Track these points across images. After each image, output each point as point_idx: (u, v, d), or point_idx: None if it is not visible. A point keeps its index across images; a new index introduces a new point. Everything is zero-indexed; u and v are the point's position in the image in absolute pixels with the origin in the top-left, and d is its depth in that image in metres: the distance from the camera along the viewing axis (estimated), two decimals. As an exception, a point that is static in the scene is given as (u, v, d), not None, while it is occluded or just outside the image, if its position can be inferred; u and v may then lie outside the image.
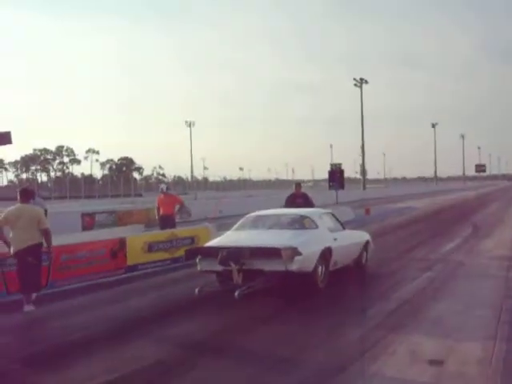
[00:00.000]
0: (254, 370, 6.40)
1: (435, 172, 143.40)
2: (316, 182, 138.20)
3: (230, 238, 10.93)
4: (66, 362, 6.75)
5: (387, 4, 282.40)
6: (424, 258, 14.64)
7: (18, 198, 10.00)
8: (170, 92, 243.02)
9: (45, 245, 9.80)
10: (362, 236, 13.31)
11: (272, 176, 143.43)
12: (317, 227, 10.99)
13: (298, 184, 16.14)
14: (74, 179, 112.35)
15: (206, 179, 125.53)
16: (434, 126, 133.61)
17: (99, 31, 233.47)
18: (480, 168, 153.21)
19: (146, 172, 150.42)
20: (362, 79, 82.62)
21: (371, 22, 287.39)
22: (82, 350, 7.26)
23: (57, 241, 12.24)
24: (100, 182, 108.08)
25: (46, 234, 9.84)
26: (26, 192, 10.27)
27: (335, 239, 11.05)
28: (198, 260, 10.34)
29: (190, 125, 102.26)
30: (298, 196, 15.30)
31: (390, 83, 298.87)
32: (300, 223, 11.16)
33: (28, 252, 9.51)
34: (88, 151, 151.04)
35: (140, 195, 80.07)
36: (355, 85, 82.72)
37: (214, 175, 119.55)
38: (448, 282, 11.37)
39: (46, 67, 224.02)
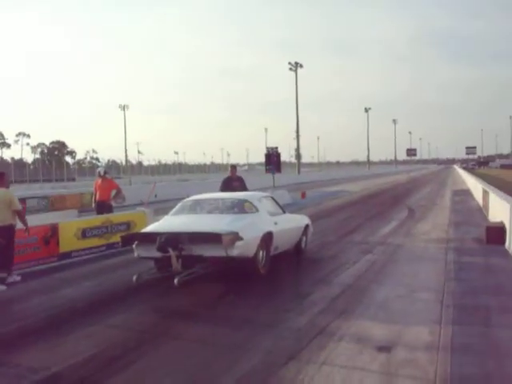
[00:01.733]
0: (197, 360, 6.11)
1: (368, 156, 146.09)
2: (251, 166, 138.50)
3: (167, 223, 10.53)
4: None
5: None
6: (363, 241, 14.64)
7: None
8: (105, 74, 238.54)
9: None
10: (302, 220, 13.14)
11: (207, 160, 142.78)
12: (257, 211, 10.73)
13: (234, 166, 15.85)
14: (3, 163, 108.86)
15: (140, 163, 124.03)
16: (367, 110, 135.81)
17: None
18: (411, 152, 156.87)
19: (79, 156, 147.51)
20: (296, 63, 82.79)
21: (308, 7, 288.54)
22: (9, 345, 6.82)
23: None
24: (31, 167, 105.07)
25: (19, 215, 10.41)
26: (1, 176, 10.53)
27: (276, 223, 10.82)
28: (134, 246, 9.94)
29: (123, 108, 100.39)
30: (233, 179, 15.03)
31: (326, 69, 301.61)
32: (240, 207, 10.86)
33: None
34: (18, 134, 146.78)
35: (73, 179, 78.38)
36: (290, 69, 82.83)
37: (149, 159, 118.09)
38: (389, 265, 11.34)
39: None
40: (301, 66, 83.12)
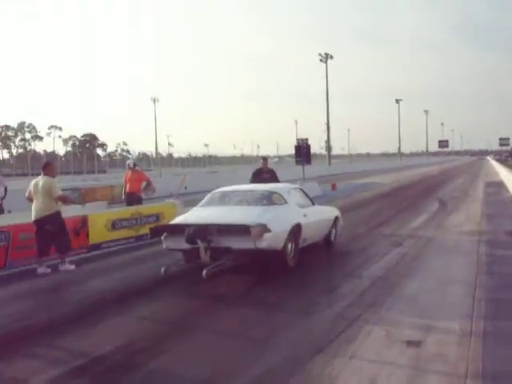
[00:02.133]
0: (224, 352, 6.07)
1: (399, 148, 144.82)
2: (281, 158, 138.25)
3: (196, 214, 10.51)
4: (28, 350, 6.33)
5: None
6: (393, 233, 14.47)
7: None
8: (135, 66, 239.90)
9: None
10: (332, 212, 13.03)
11: (237, 152, 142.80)
12: (286, 203, 10.65)
13: (265, 158, 15.80)
14: (36, 156, 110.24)
15: (170, 155, 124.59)
16: (397, 102, 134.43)
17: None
18: (443, 144, 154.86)
19: (110, 148, 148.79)
20: (327, 54, 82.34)
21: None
22: (46, 334, 6.89)
23: (15, 219, 11.81)
24: (63, 159, 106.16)
25: (62, 200, 10.97)
26: (46, 165, 11.23)
27: (305, 215, 10.73)
28: (163, 238, 9.95)
29: (154, 101, 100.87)
30: (264, 171, 14.97)
31: (356, 59, 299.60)
32: (269, 199, 10.78)
33: (46, 221, 10.60)
34: (50, 127, 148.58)
35: (104, 172, 79.00)
36: (321, 60, 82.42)
37: (179, 152, 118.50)
38: (419, 257, 11.17)
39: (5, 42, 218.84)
40: (331, 57, 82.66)
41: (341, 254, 12.08)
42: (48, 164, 11.33)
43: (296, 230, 10.17)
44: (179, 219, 10.45)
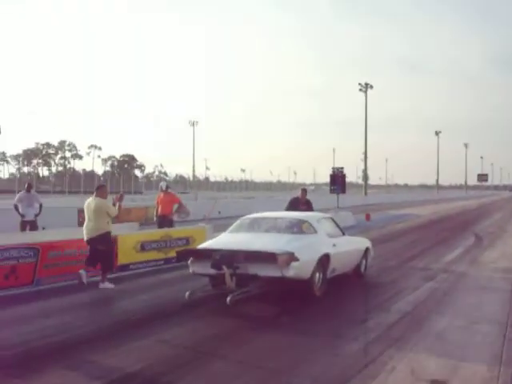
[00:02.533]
0: (245, 382, 5.97)
1: (437, 180, 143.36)
2: (318, 186, 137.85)
3: (224, 240, 10.46)
4: (42, 366, 6.32)
5: (397, 6, 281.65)
6: (425, 267, 14.18)
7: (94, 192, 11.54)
8: (176, 90, 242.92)
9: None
10: (362, 242, 12.84)
11: (274, 178, 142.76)
12: (315, 232, 10.53)
13: (304, 190, 15.70)
14: (75, 174, 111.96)
15: (207, 179, 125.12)
16: (437, 133, 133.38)
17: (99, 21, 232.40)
18: (482, 177, 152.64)
19: (148, 170, 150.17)
20: (366, 84, 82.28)
21: (380, 25, 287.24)
22: (62, 354, 6.86)
23: (46, 236, 11.91)
24: (101, 178, 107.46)
25: (117, 217, 11.78)
26: (99, 187, 11.76)
27: (334, 245, 10.58)
28: (189, 262, 9.90)
29: (193, 124, 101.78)
30: (302, 202, 14.90)
31: (395, 89, 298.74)
32: (298, 227, 10.68)
33: (97, 241, 11.02)
34: (90, 147, 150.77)
35: (140, 193, 79.70)
36: (360, 89, 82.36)
37: (216, 175, 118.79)
38: (451, 293, 10.90)
39: (44, 62, 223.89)
40: (371, 86, 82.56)
41: (370, 286, 11.87)
42: (101, 186, 11.90)
43: (324, 259, 10.03)
44: (206, 244, 10.42)
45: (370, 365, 6.43)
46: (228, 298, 8.84)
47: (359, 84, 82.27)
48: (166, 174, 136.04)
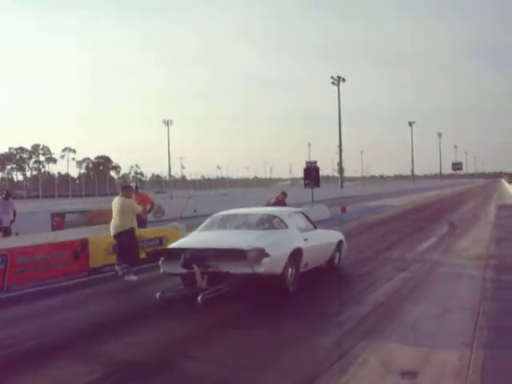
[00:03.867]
0: (217, 381, 5.88)
1: (412, 170, 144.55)
2: (294, 181, 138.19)
3: (194, 238, 10.36)
4: (5, 375, 6.17)
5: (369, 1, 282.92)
6: (400, 257, 14.22)
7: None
8: (148, 90, 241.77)
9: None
10: (335, 235, 12.81)
11: (250, 174, 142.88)
12: (286, 227, 10.46)
13: (284, 193, 15.75)
14: (50, 178, 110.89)
15: (183, 178, 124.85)
16: (411, 124, 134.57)
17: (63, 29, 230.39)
18: (456, 166, 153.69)
19: (124, 171, 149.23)
20: (339, 77, 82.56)
21: (352, 19, 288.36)
22: (30, 360, 6.73)
23: (18, 242, 11.72)
24: (77, 181, 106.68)
25: (143, 214, 13.81)
26: (124, 187, 13.61)
27: (306, 239, 10.52)
28: (160, 262, 9.79)
29: (167, 123, 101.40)
30: (280, 204, 14.92)
31: (367, 81, 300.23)
32: (269, 223, 10.62)
33: (122, 236, 12.13)
34: (64, 150, 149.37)
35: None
36: (333, 83, 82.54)
37: (192, 174, 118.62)
38: (424, 283, 10.93)
39: (18, 66, 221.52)
40: (343, 80, 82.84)
41: (344, 279, 11.86)
42: (127, 187, 13.56)
43: (296, 254, 9.97)
44: (177, 243, 10.30)
45: (342, 358, 6.38)
46: (199, 297, 8.73)
47: (331, 77, 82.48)
48: (142, 174, 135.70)
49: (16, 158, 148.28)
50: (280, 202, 15.03)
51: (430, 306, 8.89)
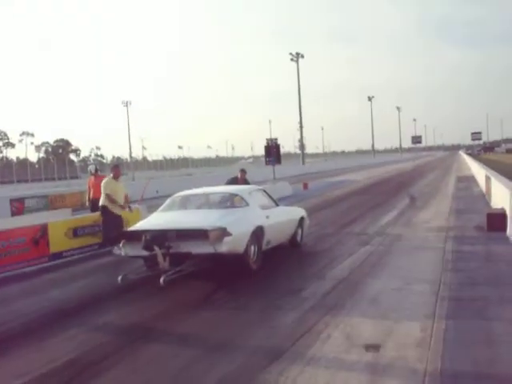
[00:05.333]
0: (183, 361, 5.87)
1: (372, 145, 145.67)
2: (256, 158, 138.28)
3: (155, 219, 10.26)
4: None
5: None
6: (361, 232, 14.33)
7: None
8: (106, 71, 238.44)
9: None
10: (297, 212, 12.82)
11: (212, 153, 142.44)
12: (247, 205, 10.42)
13: (244, 170, 15.67)
14: (8, 163, 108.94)
15: (145, 159, 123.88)
16: (370, 99, 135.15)
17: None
18: (416, 139, 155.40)
19: (84, 153, 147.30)
20: (297, 53, 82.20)
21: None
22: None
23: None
24: (36, 166, 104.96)
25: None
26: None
27: (267, 217, 10.51)
28: (121, 245, 9.66)
29: (126, 104, 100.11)
30: (239, 182, 14.84)
31: (326, 59, 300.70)
32: (230, 202, 10.58)
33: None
34: (22, 134, 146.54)
35: (77, 177, 78.14)
36: (291, 59, 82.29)
37: (154, 155, 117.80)
38: (386, 256, 11.01)
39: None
40: (302, 56, 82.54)
41: (306, 255, 11.89)
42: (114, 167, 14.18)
43: (258, 232, 9.96)
44: (137, 225, 10.18)
45: (306, 334, 6.42)
46: (161, 279, 8.65)
47: (290, 54, 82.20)
48: (102, 156, 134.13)
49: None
50: (240, 179, 14.98)
51: (392, 279, 8.96)
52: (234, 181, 14.95)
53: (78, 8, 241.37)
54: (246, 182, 14.96)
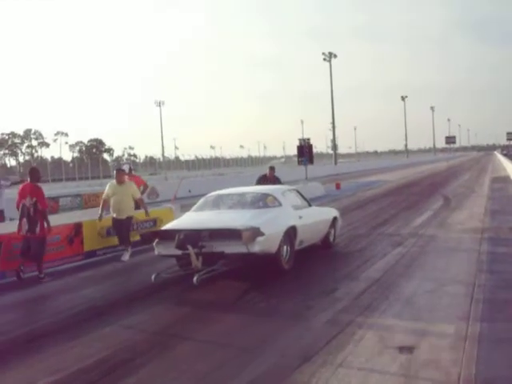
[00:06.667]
0: (215, 360, 5.86)
1: (406, 145, 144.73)
2: (288, 158, 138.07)
3: (188, 219, 10.32)
4: (7, 362, 6.15)
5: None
6: (394, 233, 14.21)
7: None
8: (139, 71, 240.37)
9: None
10: (330, 212, 12.77)
11: (245, 153, 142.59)
12: (280, 205, 10.41)
13: (272, 168, 15.70)
14: (43, 162, 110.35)
15: (177, 158, 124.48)
16: (403, 99, 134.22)
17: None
18: (450, 140, 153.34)
19: (117, 153, 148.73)
20: (330, 53, 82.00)
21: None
22: (29, 345, 6.73)
23: (8, 228, 11.65)
24: (70, 165, 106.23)
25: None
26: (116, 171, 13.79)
27: (300, 217, 10.49)
28: (155, 244, 9.74)
29: (159, 104, 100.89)
30: (269, 180, 14.86)
31: (360, 58, 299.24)
32: (262, 202, 10.57)
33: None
34: (57, 134, 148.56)
35: (110, 177, 78.82)
36: (324, 59, 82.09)
37: (186, 154, 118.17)
38: (419, 257, 10.91)
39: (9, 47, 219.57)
40: (335, 55, 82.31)
41: (339, 256, 11.84)
42: (118, 170, 13.94)
43: (291, 232, 9.95)
44: (171, 224, 10.25)
45: (339, 335, 6.37)
46: (194, 278, 8.68)
47: (323, 53, 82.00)
48: (135, 156, 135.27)
49: (8, 143, 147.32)
50: (269, 177, 14.97)
51: (426, 281, 8.87)
52: (263, 178, 14.95)
53: (116, 5, 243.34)
54: (276, 179, 14.95)
